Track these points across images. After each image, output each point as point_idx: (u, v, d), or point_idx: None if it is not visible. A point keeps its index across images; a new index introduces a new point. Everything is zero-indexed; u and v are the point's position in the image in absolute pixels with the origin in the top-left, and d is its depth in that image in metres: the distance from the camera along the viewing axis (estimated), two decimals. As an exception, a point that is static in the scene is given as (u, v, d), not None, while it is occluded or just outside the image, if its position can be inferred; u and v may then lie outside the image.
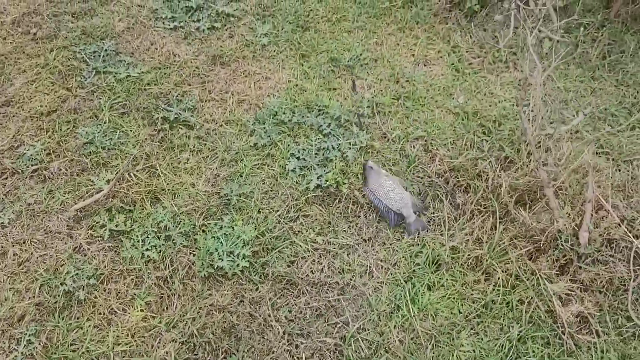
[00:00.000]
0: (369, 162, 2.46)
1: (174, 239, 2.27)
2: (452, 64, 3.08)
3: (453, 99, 2.89)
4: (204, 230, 2.31)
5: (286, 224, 2.38)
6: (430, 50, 3.18)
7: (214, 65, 3.05)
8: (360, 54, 3.09)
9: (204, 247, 2.18)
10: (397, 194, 2.39)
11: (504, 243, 2.30)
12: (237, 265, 2.16)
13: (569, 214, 2.31)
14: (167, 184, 2.47)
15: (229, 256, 2.18)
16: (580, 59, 3.07)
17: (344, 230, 2.39)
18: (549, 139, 2.13)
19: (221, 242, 2.21)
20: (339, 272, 2.26)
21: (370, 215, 2.44)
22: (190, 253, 2.23)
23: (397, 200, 2.38)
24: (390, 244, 2.35)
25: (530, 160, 2.55)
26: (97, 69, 2.95)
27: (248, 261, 2.19)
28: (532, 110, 2.31)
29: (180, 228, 2.29)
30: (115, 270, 2.20)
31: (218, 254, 2.16)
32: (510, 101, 2.87)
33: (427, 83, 2.98)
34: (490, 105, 2.86)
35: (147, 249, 2.20)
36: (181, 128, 2.72)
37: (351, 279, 2.23)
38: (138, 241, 2.24)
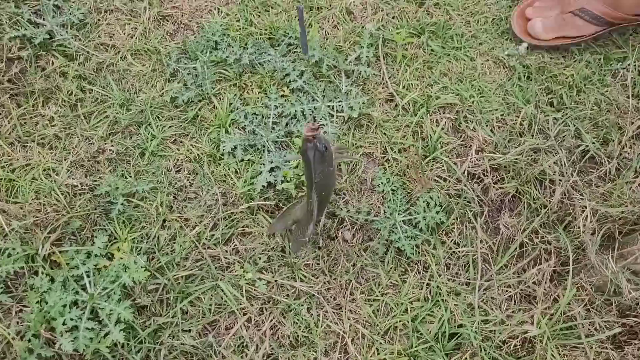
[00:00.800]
0: (319, 134, 1.04)
1: (-15, 288, 1.26)
2: (511, -21, 1.93)
3: (508, 39, 1.79)
4: (55, 263, 1.31)
5: (208, 248, 1.40)
6: (478, -47, 1.99)
7: (125, -49, 1.87)
8: (366, -49, 1.91)
9: (39, 305, 1.19)
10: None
11: (571, 311, 1.36)
12: (105, 336, 1.20)
13: (698, 281, 1.34)
14: (1, 169, 1.42)
15: (92, 320, 1.21)
16: None
17: (307, 264, 1.43)
18: None
19: (81, 288, 1.24)
20: (290, 346, 1.33)
21: (356, 236, 1.46)
22: (17, 316, 1.24)
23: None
24: (382, 293, 1.40)
25: (627, 164, 1.53)
26: None
27: (126, 330, 1.23)
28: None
29: (3, 265, 1.27)
30: None
31: (65, 320, 1.18)
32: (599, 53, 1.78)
33: (468, 10, 1.85)
34: (564, 57, 1.77)
35: None
36: (54, 57, 1.62)
37: (309, 361, 1.31)
38: None
